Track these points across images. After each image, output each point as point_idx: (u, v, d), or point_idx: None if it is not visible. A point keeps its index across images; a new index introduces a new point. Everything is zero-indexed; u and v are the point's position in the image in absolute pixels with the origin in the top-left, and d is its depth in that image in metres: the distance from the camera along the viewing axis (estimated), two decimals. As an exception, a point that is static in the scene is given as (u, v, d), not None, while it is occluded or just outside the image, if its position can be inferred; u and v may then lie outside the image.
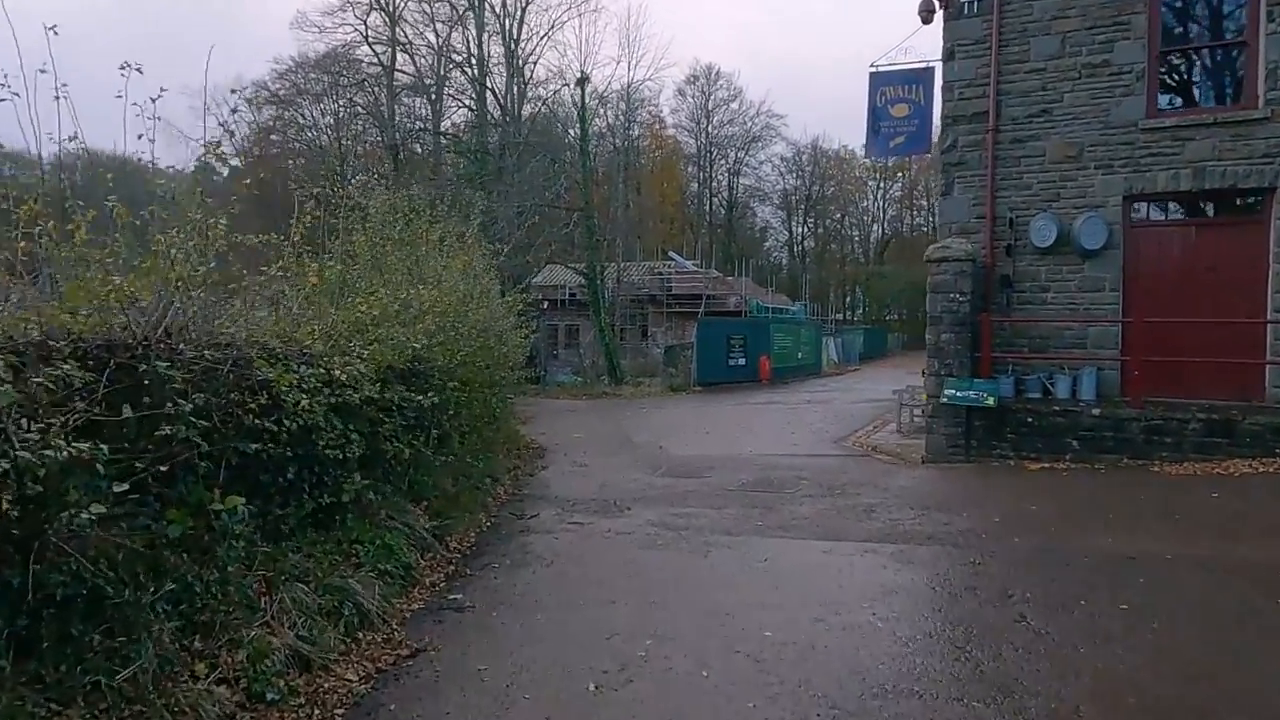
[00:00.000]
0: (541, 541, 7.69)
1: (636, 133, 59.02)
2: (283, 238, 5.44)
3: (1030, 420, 11.44)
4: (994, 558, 6.75)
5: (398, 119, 42.33)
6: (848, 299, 72.54)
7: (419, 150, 43.21)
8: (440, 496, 7.89)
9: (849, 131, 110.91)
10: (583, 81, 32.08)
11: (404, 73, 41.94)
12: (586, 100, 32.39)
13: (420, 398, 6.75)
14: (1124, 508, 8.44)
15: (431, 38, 41.22)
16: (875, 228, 76.10)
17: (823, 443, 14.57)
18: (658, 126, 62.51)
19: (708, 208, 68.04)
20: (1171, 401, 11.19)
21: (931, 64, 13.47)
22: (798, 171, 71.33)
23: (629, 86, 35.92)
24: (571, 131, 38.42)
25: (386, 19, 41.48)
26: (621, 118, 42.60)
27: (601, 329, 32.13)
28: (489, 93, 38.20)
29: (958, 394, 11.42)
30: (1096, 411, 11.13)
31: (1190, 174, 11.64)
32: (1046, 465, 10.96)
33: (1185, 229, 12.01)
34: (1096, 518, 8.01)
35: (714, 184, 68.82)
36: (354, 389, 5.54)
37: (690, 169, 67.83)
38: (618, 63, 75.25)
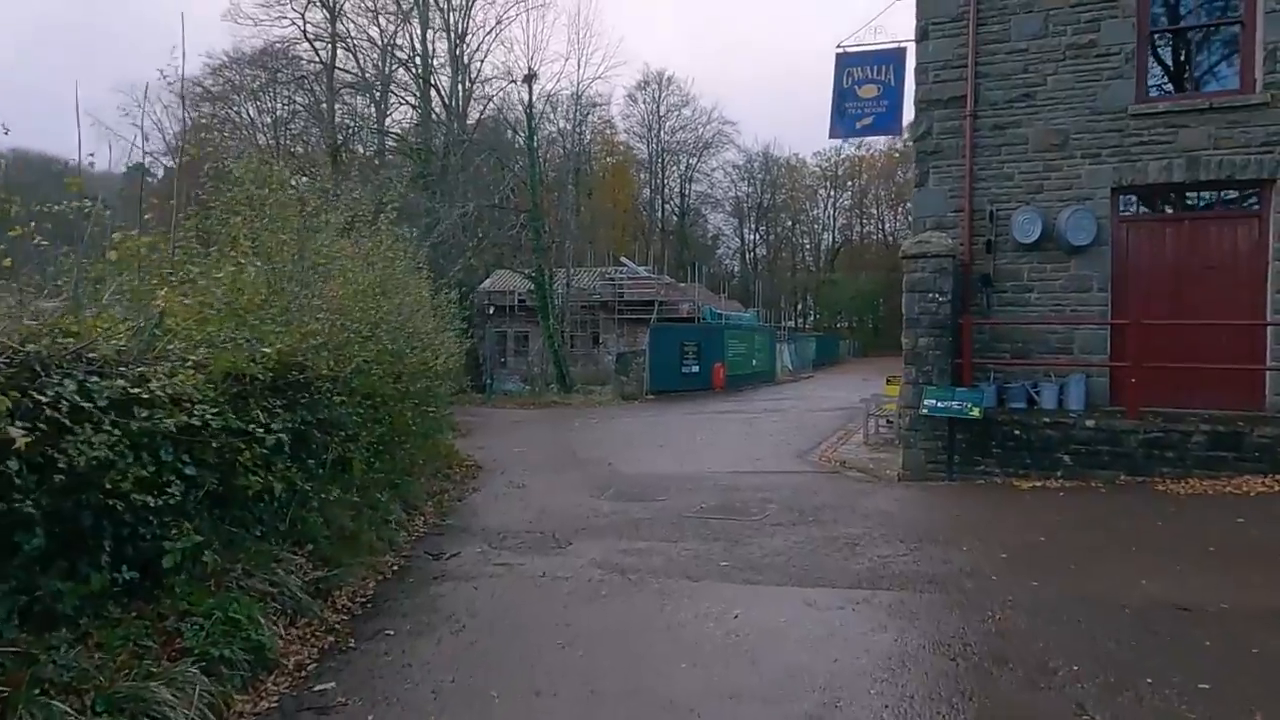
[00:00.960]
0: (457, 593, 6.14)
1: (588, 137, 57.66)
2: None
3: (1018, 433, 10.21)
4: (1015, 610, 5.39)
5: (340, 118, 40.26)
6: (799, 306, 71.92)
7: (362, 151, 41.19)
8: (333, 538, 6.29)
9: (800, 139, 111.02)
10: (530, 78, 30.56)
11: (345, 71, 39.88)
12: (534, 98, 30.85)
13: (292, 416, 5.17)
14: (1146, 538, 7.18)
15: (375, 34, 39.31)
16: (826, 236, 75.74)
17: (787, 457, 13.22)
18: (609, 132, 61.16)
19: (660, 214, 66.85)
20: (1171, 412, 10.06)
21: (903, 44, 12.26)
22: (749, 179, 70.65)
23: (579, 85, 34.46)
24: (520, 136, 36.75)
25: (326, 13, 39.46)
26: (572, 121, 41.02)
27: (550, 335, 30.56)
28: (433, 91, 36.43)
29: (939, 404, 10.15)
30: (1091, 423, 9.93)
31: (1184, 164, 10.55)
32: (1038, 483, 9.73)
33: (1178, 224, 10.93)
34: (1119, 552, 6.73)
35: (666, 190, 67.74)
36: (176, 407, 3.96)
37: (642, 175, 66.60)
38: (566, 59, 73.03)
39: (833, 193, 74.56)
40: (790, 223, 74.12)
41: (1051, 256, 11.13)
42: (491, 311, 32.68)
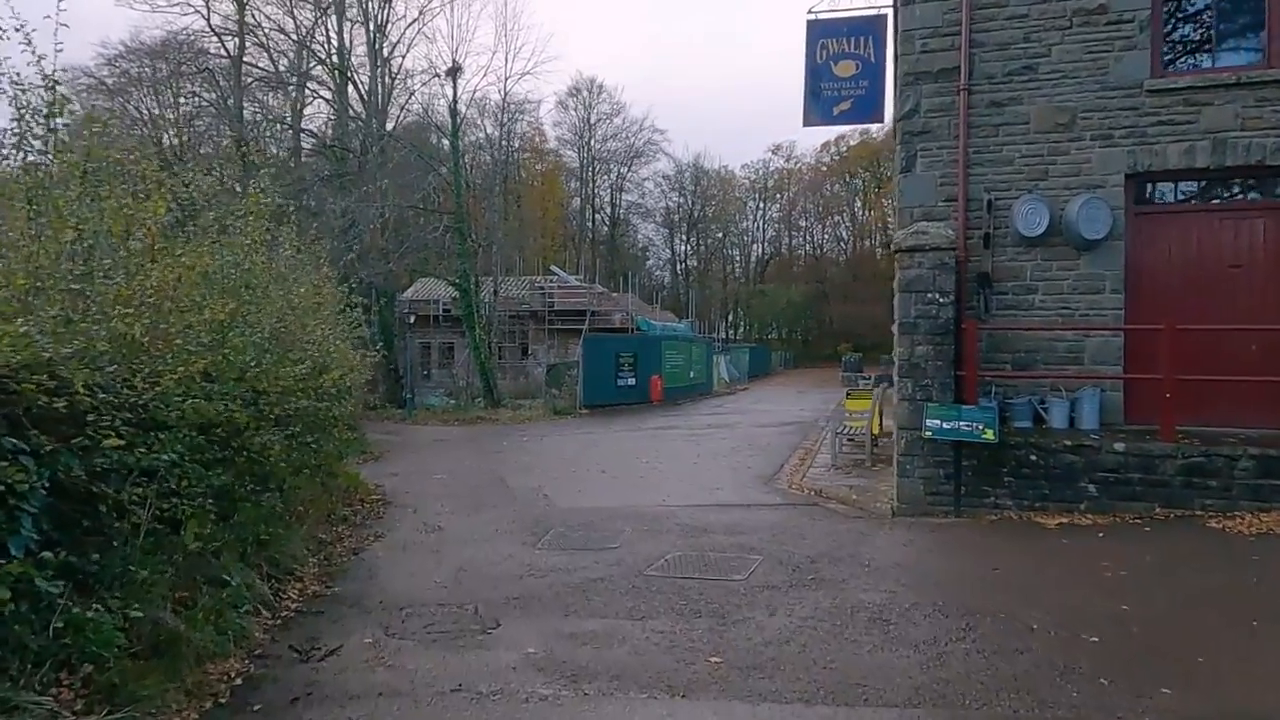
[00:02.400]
0: (323, 732, 3.98)
1: (516, 144, 55.35)
2: None
3: (1034, 459, 8.50)
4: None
5: (251, 115, 36.97)
6: (730, 317, 70.79)
7: (275, 150, 37.95)
8: (137, 647, 4.06)
9: (729, 151, 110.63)
10: (454, 71, 28.21)
11: (254, 66, 36.60)
12: (459, 93, 28.50)
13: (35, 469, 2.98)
14: (1255, 602, 5.45)
15: (288, 24, 36.23)
16: (756, 247, 74.94)
17: (751, 485, 11.30)
18: (539, 139, 58.97)
19: (590, 223, 64.83)
20: (1208, 432, 8.52)
21: (884, 10, 10.58)
22: (680, 189, 69.29)
23: (506, 82, 32.02)
24: (444, 137, 34.12)
25: (234, 2, 36.23)
26: (499, 125, 38.62)
27: (477, 346, 28.16)
28: (351, 86, 33.63)
29: (944, 426, 8.37)
30: (1120, 447, 8.29)
31: (1208, 147, 9.08)
32: (1063, 519, 8.02)
33: (1202, 216, 9.43)
34: (1238, 627, 4.97)
35: (596, 200, 65.76)
36: None
37: (573, 184, 64.54)
38: (494, 53, 69.07)
39: (762, 205, 73.90)
40: (721, 234, 73.07)
41: (1058, 253, 9.52)
42: (413, 321, 30.11)
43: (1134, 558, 6.60)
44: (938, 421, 8.39)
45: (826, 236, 74.12)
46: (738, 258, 75.46)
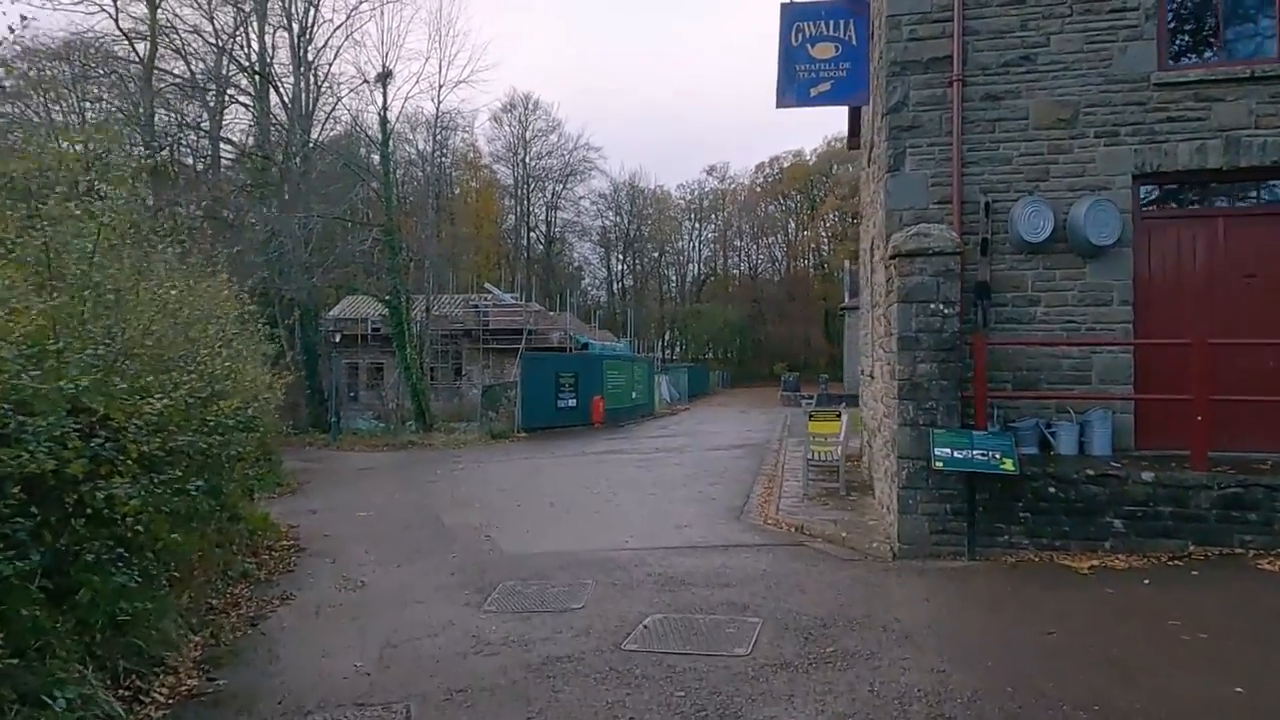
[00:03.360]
0: None
1: (450, 159, 53.52)
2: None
3: (1053, 491, 7.42)
4: None
5: (167, 123, 34.25)
6: (666, 336, 69.88)
7: (193, 162, 35.27)
8: None
9: (665, 171, 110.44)
10: (384, 77, 26.48)
11: (166, 73, 33.90)
12: (390, 100, 26.78)
13: None
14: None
15: (206, 27, 33.75)
16: (691, 267, 74.37)
17: (721, 518, 10.00)
18: (473, 155, 57.21)
19: (526, 241, 63.18)
20: (1241, 458, 7.59)
21: (864, -5, 9.56)
22: (616, 208, 68.29)
23: (440, 90, 30.23)
24: (374, 148, 32.08)
25: (146, 3, 33.65)
26: (431, 139, 36.78)
27: (408, 366, 26.31)
28: (273, 91, 31.45)
29: (956, 455, 7.22)
30: (1148, 477, 7.26)
31: (1220, 146, 8.25)
32: (1094, 561, 6.94)
33: (1212, 221, 8.58)
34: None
35: (532, 218, 64.19)
36: None
37: (507, 201, 62.87)
38: (427, 59, 66.27)
39: (697, 225, 73.46)
40: (657, 254, 72.26)
41: (1062, 260, 8.55)
42: (338, 339, 28.06)
43: (1202, 613, 5.50)
44: (948, 450, 7.24)
45: (762, 257, 74.10)
46: (673, 277, 74.76)
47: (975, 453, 7.19)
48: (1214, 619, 5.36)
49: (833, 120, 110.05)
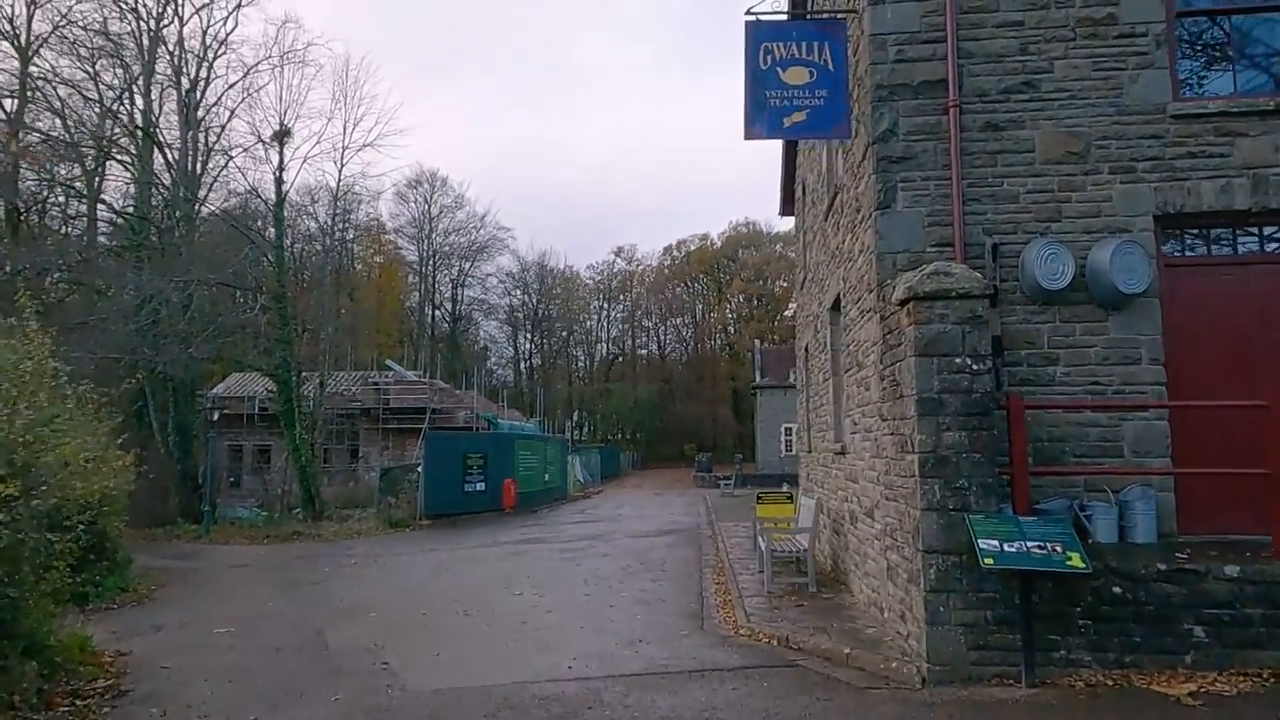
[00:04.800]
0: None
1: (352, 234, 50.94)
2: None
3: (1118, 591, 5.84)
4: None
5: (37, 183, 30.56)
6: (575, 416, 67.75)
7: (62, 226, 31.51)
8: None
9: (574, 251, 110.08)
10: (282, 135, 24.32)
11: (34, 131, 30.32)
12: (286, 160, 24.53)
13: None
14: None
15: (82, 78, 30.55)
16: (600, 346, 73.04)
17: (683, 629, 8.01)
18: (376, 230, 54.76)
19: (430, 319, 60.51)
20: (1323, 546, 6.24)
21: (841, 16, 8.31)
22: (524, 287, 66.69)
23: (344, 153, 28.00)
24: (269, 216, 29.24)
25: (15, 52, 30.41)
26: (334, 201, 34.32)
27: (297, 447, 23.38)
28: (157, 150, 28.51)
29: (1007, 549, 5.56)
30: (1233, 572, 5.78)
31: (1247, 185, 7.21)
32: (1189, 684, 5.33)
33: (1242, 269, 7.47)
34: None
35: (437, 295, 61.74)
36: None
37: (411, 278, 60.35)
38: (329, 119, 60.03)
39: (606, 305, 72.51)
40: (565, 333, 70.66)
41: (1081, 313, 7.24)
42: (216, 418, 24.83)
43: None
44: (995, 543, 5.59)
45: (670, 337, 73.52)
46: (582, 357, 73.18)
47: (1029, 545, 5.57)
48: None
49: (739, 206, 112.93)
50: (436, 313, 61.79)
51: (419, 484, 21.98)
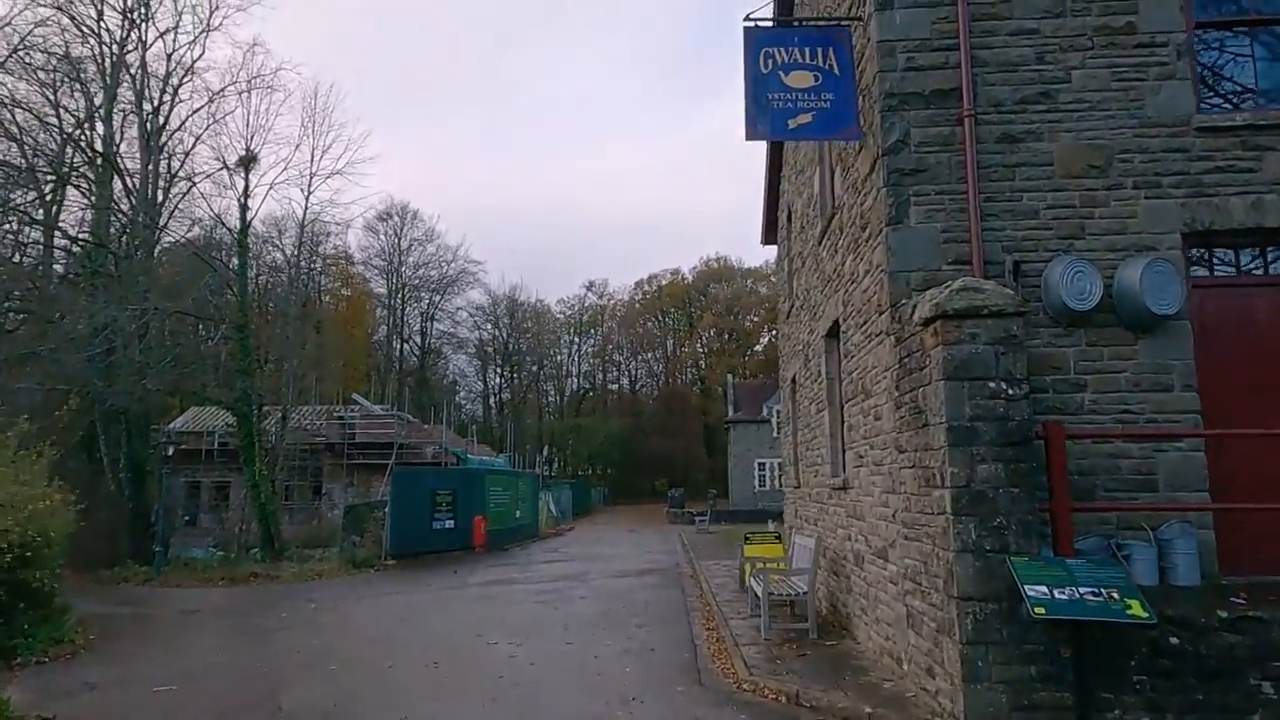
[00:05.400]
0: None
1: (319, 265, 49.82)
2: None
3: (1175, 642, 5.20)
4: None
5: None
6: (544, 451, 66.57)
7: (15, 254, 30.04)
8: None
9: (545, 285, 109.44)
10: (248, 161, 23.46)
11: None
12: (252, 185, 23.65)
13: None
14: None
15: (44, 104, 29.37)
16: (570, 381, 72.11)
17: (679, 683, 7.20)
18: (344, 262, 53.69)
19: (399, 353, 59.26)
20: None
21: (844, 23, 7.81)
22: (494, 321, 65.76)
23: (312, 180, 26.99)
24: (234, 260, 27.71)
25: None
26: (301, 229, 33.25)
27: (257, 483, 22.20)
28: (118, 176, 27.35)
29: (1057, 596, 4.91)
30: (1301, 619, 5.19)
31: (1277, 201, 6.79)
32: (1268, 752, 4.70)
33: (1273, 291, 7.00)
34: None
35: (406, 329, 60.58)
36: None
37: (380, 311, 59.19)
38: (297, 146, 57.82)
39: (577, 339, 71.79)
40: (535, 367, 69.67)
41: (1108, 335, 6.71)
42: (171, 454, 23.53)
43: None
44: (1044, 589, 4.93)
45: (641, 371, 72.86)
46: (552, 391, 72.13)
47: (1083, 591, 4.92)
48: None
49: (707, 243, 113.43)
50: (405, 346, 60.62)
51: (385, 522, 20.89)
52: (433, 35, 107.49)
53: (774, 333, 68.34)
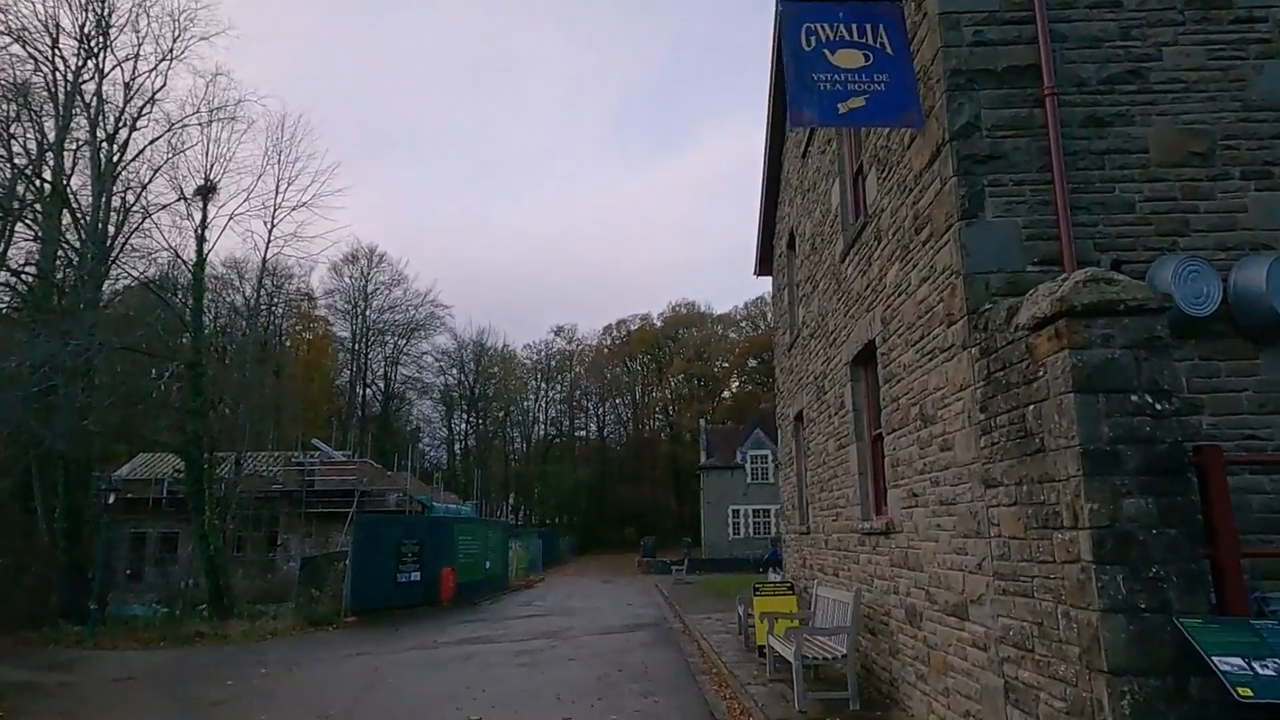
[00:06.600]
0: None
1: (281, 309, 47.95)
2: None
3: (1395, 729, 3.99)
4: None
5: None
6: (512, 499, 64.39)
7: None
8: None
9: (513, 329, 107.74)
10: (206, 191, 21.98)
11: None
12: (210, 217, 22.12)
13: None
14: None
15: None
16: (538, 428, 70.25)
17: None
18: (307, 303, 51.84)
19: (361, 397, 57.08)
20: None
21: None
22: (460, 366, 63.98)
23: (276, 212, 25.37)
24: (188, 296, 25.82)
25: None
26: (260, 269, 31.49)
27: (205, 534, 20.27)
28: (67, 209, 25.50)
29: (1261, 672, 3.66)
30: None
31: (1403, 195, 5.84)
32: None
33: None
34: None
35: (369, 373, 58.51)
36: None
37: (343, 355, 57.13)
38: (260, 175, 54.40)
39: (544, 385, 70.19)
40: (502, 413, 67.77)
41: (1223, 347, 5.62)
42: (111, 501, 21.42)
43: None
44: (1239, 661, 3.68)
45: (609, 418, 71.33)
46: (519, 438, 70.13)
47: (1292, 665, 3.68)
48: None
49: (677, 287, 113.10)
50: (368, 391, 58.48)
51: (346, 574, 19.06)
52: (406, 81, 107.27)
53: (743, 378, 67.45)
